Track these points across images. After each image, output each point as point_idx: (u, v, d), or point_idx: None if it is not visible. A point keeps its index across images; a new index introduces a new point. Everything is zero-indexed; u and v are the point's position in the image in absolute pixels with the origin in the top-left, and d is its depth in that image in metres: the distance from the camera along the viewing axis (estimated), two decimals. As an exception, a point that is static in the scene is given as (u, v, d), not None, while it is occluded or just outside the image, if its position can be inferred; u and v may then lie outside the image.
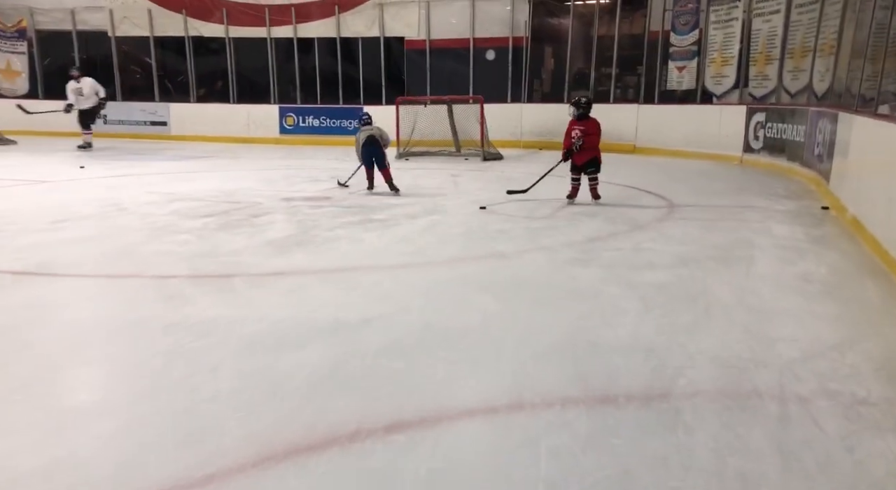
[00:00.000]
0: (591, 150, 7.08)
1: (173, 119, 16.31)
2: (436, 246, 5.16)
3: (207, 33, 16.01)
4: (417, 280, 4.18)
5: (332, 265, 4.53)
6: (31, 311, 3.54)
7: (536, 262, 4.69)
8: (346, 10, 15.34)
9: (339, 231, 5.65)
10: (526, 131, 14.73)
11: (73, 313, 3.52)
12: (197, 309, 3.54)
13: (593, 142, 7.08)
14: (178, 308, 3.56)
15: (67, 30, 16.48)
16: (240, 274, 4.24)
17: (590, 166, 7.13)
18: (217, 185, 8.47)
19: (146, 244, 5.03)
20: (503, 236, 5.53)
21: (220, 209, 6.62)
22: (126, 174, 9.71)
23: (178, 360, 2.90)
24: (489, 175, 9.96)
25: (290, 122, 15.62)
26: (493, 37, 15.00)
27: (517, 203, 7.35)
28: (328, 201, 7.25)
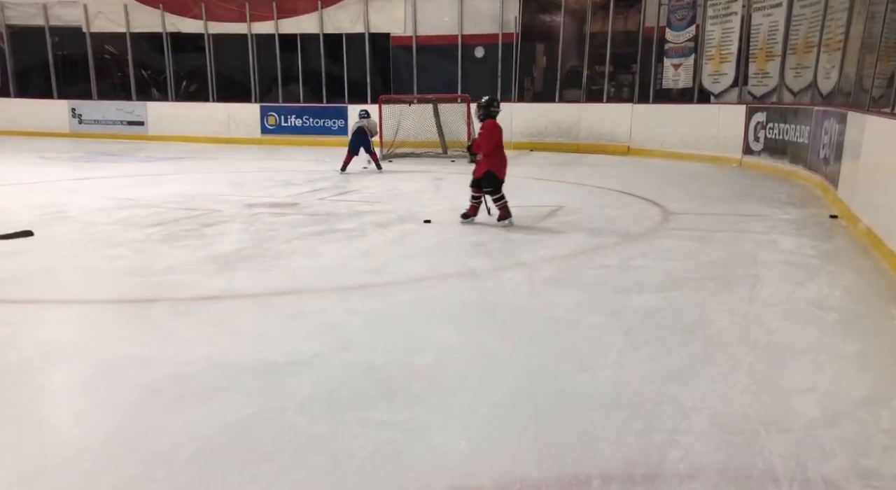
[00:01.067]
0: (486, 160, 5.72)
1: (151, 119, 15.73)
2: (401, 262, 4.59)
3: (186, 29, 15.42)
4: (371, 306, 3.60)
5: (276, 286, 3.96)
6: None
7: (512, 282, 4.12)
8: (330, 5, 14.77)
9: (296, 243, 5.07)
10: (516, 132, 14.12)
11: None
12: (94, 346, 2.97)
13: (480, 148, 5.77)
14: (73, 345, 2.98)
15: (40, 25, 15.86)
16: (165, 298, 3.66)
17: (484, 182, 5.73)
18: (181, 189, 7.90)
19: (72, 259, 4.45)
20: (479, 250, 4.96)
21: (172, 217, 6.04)
22: (90, 177, 9.13)
23: (36, 416, 2.32)
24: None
25: (272, 121, 15.03)
26: (483, 33, 14.45)
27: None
28: (294, 208, 6.68)
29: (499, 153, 5.75)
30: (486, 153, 5.70)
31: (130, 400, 2.46)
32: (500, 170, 5.77)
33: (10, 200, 6.90)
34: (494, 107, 5.84)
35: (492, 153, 5.71)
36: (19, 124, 15.79)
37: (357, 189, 8.16)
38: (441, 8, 14.46)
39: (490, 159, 5.69)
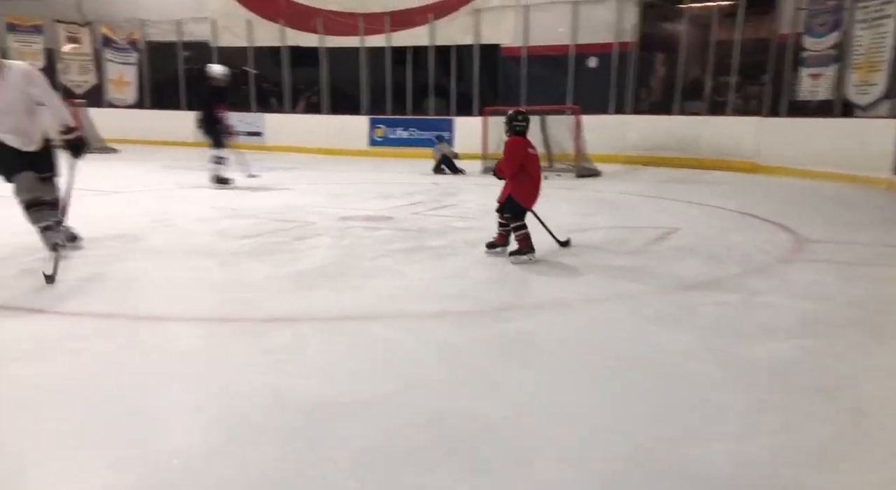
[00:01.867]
0: (509, 183, 4.85)
1: (268, 129, 16.31)
2: (489, 286, 4.21)
3: (303, 43, 15.90)
4: (447, 338, 3.24)
5: (351, 310, 3.69)
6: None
7: (609, 317, 3.63)
8: (441, 18, 14.70)
9: (382, 261, 4.82)
10: (629, 145, 13.42)
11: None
12: (136, 373, 2.80)
13: (502, 170, 4.95)
14: (120, 363, 2.83)
15: (173, 41, 16.94)
16: (237, 318, 3.50)
17: (505, 208, 4.87)
18: (284, 199, 7.96)
19: (160, 271, 4.42)
20: (575, 276, 4.49)
21: (268, 228, 6.00)
22: (201, 186, 9.45)
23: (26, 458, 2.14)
24: (580, 194, 8.85)
25: (380, 133, 15.15)
26: (597, 43, 13.83)
27: (606, 230, 6.25)
28: (387, 222, 6.47)
29: (524, 177, 4.78)
30: (507, 176, 4.84)
31: (141, 436, 2.23)
32: (525, 196, 4.81)
33: (126, 206, 7.19)
34: (518, 121, 4.87)
35: (515, 176, 4.79)
36: (151, 134, 16.89)
37: (454, 203, 7.87)
38: (553, 17, 14.00)
39: (514, 183, 4.79)
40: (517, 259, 4.77)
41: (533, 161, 4.85)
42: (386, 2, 15.01)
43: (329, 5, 15.48)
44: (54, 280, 3.85)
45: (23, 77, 4.34)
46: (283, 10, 15.82)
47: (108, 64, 17.17)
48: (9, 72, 4.32)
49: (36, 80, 4.38)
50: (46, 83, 4.47)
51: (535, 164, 4.87)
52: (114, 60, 17.14)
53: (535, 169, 4.85)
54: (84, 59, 17.17)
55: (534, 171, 4.83)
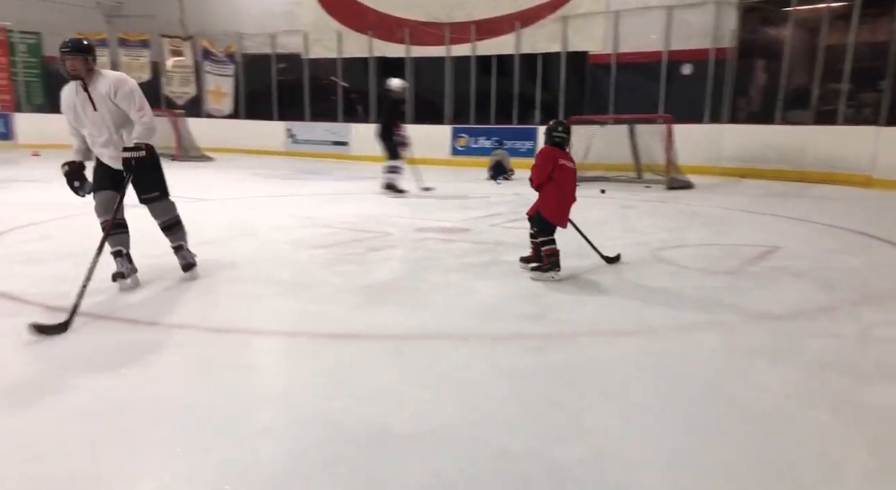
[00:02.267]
0: (540, 196, 4.59)
1: (354, 139, 16.56)
2: (567, 306, 3.92)
3: (390, 54, 16.07)
4: (521, 364, 2.99)
5: (419, 328, 3.51)
6: None
7: (700, 347, 3.26)
8: (528, 25, 14.46)
9: (453, 276, 4.62)
10: (725, 156, 12.68)
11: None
12: (194, 390, 2.71)
13: (532, 180, 4.62)
14: (181, 381, 2.75)
15: (267, 53, 17.55)
16: (302, 333, 3.39)
17: (534, 222, 4.62)
18: (362, 209, 7.93)
19: (233, 283, 4.39)
20: (663, 298, 4.12)
21: (343, 238, 5.94)
22: (284, 194, 9.62)
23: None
24: (670, 208, 8.36)
25: (462, 142, 15.05)
26: (691, 49, 13.19)
27: (697, 247, 5.80)
28: (463, 234, 6.28)
29: (554, 190, 4.48)
30: (535, 187, 4.57)
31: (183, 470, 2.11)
32: (552, 212, 4.50)
33: (212, 215, 7.34)
34: (558, 132, 4.56)
35: (545, 188, 4.51)
36: (245, 143, 17.54)
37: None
38: (645, 23, 13.47)
39: (543, 196, 4.53)
40: (539, 276, 4.49)
41: (566, 175, 4.52)
42: (472, 11, 14.94)
43: (417, 16, 15.58)
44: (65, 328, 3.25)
45: (112, 86, 3.90)
46: (372, 22, 16.06)
47: (206, 76, 17.99)
48: (100, 80, 3.91)
49: (122, 89, 3.91)
50: (136, 94, 3.97)
51: (568, 178, 4.53)
52: (212, 72, 17.94)
53: (567, 184, 4.53)
54: (185, 71, 18.07)
55: (566, 185, 4.52)
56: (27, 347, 3.08)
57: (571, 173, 4.57)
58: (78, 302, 3.38)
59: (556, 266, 4.48)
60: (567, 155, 4.60)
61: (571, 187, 4.58)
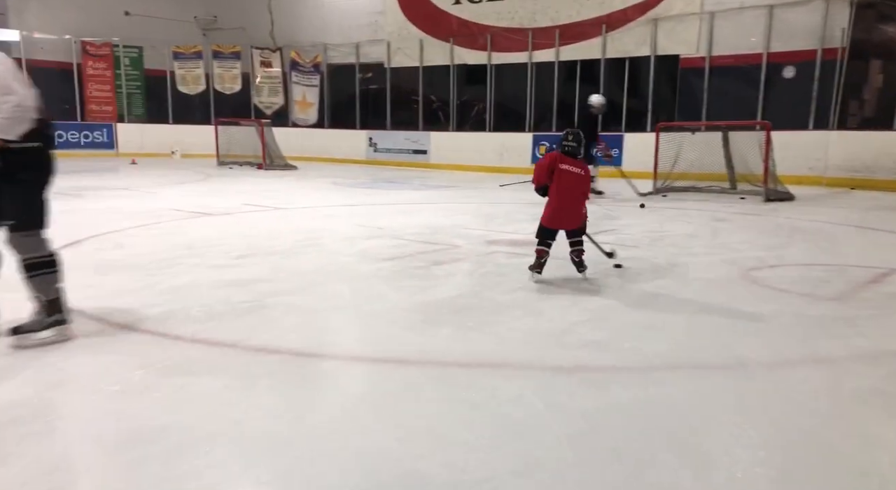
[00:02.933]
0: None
1: (433, 147, 16.50)
2: (641, 333, 3.51)
3: (471, 61, 15.91)
4: (582, 403, 2.64)
5: (474, 354, 3.21)
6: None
7: (800, 388, 2.79)
8: (615, 29, 13.90)
9: (519, 295, 4.30)
10: (832, 165, 11.66)
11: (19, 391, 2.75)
12: (211, 413, 2.52)
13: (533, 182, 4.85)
14: (217, 406, 2.57)
15: (351, 63, 17.80)
16: (344, 356, 3.16)
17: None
18: (433, 219, 7.73)
19: (290, 295, 4.24)
20: (756, 327, 3.63)
21: (410, 250, 5.73)
22: (359, 204, 9.58)
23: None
24: (767, 222, 7.66)
25: (543, 150, 14.61)
26: (795, 50, 12.25)
27: (797, 267, 5.21)
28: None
29: (552, 192, 4.58)
30: (536, 189, 4.71)
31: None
32: (546, 213, 4.63)
33: (284, 224, 7.36)
34: (567, 141, 4.61)
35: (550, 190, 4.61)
36: (328, 152, 17.85)
37: (614, 228, 7.12)
38: (742, 24, 12.63)
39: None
40: (531, 275, 4.64)
41: (566, 178, 4.53)
42: (556, 15, 14.54)
43: (499, 22, 15.34)
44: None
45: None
46: (454, 29, 15.94)
47: (293, 86, 18.46)
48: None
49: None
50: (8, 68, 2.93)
51: (568, 182, 4.53)
52: (299, 82, 18.38)
53: (563, 188, 4.53)
54: (274, 81, 18.61)
55: (561, 189, 4.53)
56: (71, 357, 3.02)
57: (573, 177, 4.55)
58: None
59: (537, 266, 4.58)
60: (575, 162, 4.60)
61: (567, 192, 4.55)
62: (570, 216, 4.61)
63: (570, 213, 4.60)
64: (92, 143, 17.58)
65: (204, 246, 5.75)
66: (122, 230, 6.51)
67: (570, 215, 4.61)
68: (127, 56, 18.25)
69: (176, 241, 5.99)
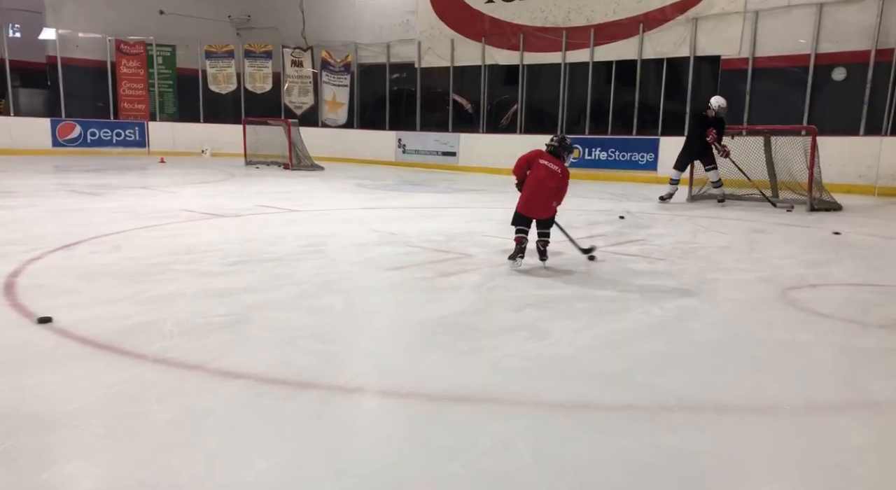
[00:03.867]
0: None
1: (462, 150, 16.14)
2: (658, 364, 3.09)
3: (502, 61, 15.52)
4: (580, 451, 2.25)
5: (462, 386, 2.83)
6: None
7: (840, 439, 2.35)
8: (652, 28, 13.34)
9: (527, 313, 3.91)
10: (885, 174, 10.95)
11: None
12: (169, 452, 2.19)
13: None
14: (161, 437, 2.26)
15: (382, 63, 17.56)
16: (322, 384, 2.81)
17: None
18: (451, 225, 7.37)
19: (278, 308, 3.93)
20: (791, 360, 3.18)
21: (420, 259, 5.39)
22: (379, 207, 9.28)
23: None
24: (811, 234, 7.09)
25: (576, 154, 14.10)
26: (845, 51, 11.56)
27: (843, 287, 4.70)
28: (552, 259, 5.52)
29: (527, 183, 5.06)
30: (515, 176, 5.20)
31: None
32: (521, 201, 5.09)
33: (294, 227, 7.08)
34: (550, 142, 5.10)
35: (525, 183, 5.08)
36: (357, 153, 17.64)
37: (642, 238, 6.66)
38: (788, 23, 11.96)
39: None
40: (510, 263, 5.01)
41: (541, 173, 4.97)
42: (591, 14, 14.04)
43: (532, 21, 14.92)
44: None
45: None
46: (486, 28, 15.57)
47: (324, 86, 18.31)
48: None
49: None
50: None
51: (538, 175, 4.97)
52: (329, 82, 18.23)
53: (536, 179, 4.97)
54: (305, 81, 18.50)
55: (534, 181, 4.97)
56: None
57: (548, 172, 4.93)
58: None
59: (518, 253, 4.97)
60: (555, 160, 4.98)
61: (539, 183, 4.94)
62: (541, 207, 4.97)
63: (540, 204, 4.96)
64: (124, 141, 17.72)
65: (203, 250, 5.49)
66: (125, 231, 6.30)
67: (540, 206, 4.97)
68: (160, 55, 18.35)
69: (176, 244, 5.76)
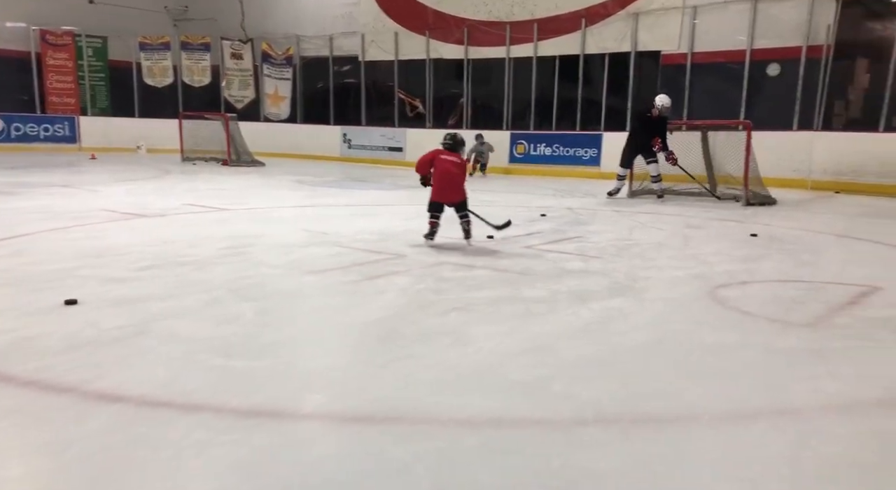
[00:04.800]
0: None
1: (409, 145, 15.92)
2: (579, 373, 2.97)
3: (447, 55, 15.34)
4: (481, 476, 2.09)
5: (365, 405, 2.64)
6: None
7: (759, 453, 2.25)
8: (594, 24, 13.37)
9: (452, 317, 3.75)
10: (817, 168, 11.22)
11: None
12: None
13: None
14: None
15: (325, 56, 17.17)
16: (204, 407, 2.58)
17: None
18: (388, 224, 7.17)
19: (183, 317, 3.67)
20: (715, 365, 3.10)
21: (347, 261, 5.17)
22: (315, 205, 9.02)
23: None
24: (745, 230, 7.16)
25: (521, 149, 14.11)
26: (779, 47, 11.80)
27: (771, 284, 4.70)
28: (488, 259, 5.40)
29: (435, 176, 5.87)
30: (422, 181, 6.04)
31: None
32: (434, 191, 5.93)
33: (220, 227, 6.77)
34: (444, 140, 5.99)
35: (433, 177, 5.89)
36: (300, 148, 17.23)
37: (580, 235, 6.60)
38: (726, 19, 12.14)
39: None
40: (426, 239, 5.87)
41: (443, 166, 5.80)
42: (534, 9, 13.99)
43: (476, 15, 14.78)
44: None
45: None
46: (431, 21, 15.36)
47: (265, 79, 17.80)
48: None
49: None
50: None
51: (443, 168, 5.80)
52: (271, 76, 17.73)
53: (442, 172, 5.80)
54: (245, 74, 17.95)
55: (440, 173, 5.81)
56: None
57: (450, 163, 5.81)
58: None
59: (431, 233, 5.88)
60: (452, 153, 5.88)
61: (443, 175, 5.80)
62: (452, 192, 5.82)
63: (451, 190, 5.81)
64: (53, 136, 16.85)
65: (114, 254, 5.15)
66: (33, 233, 5.90)
67: (451, 192, 5.82)
68: (90, 46, 17.50)
69: (87, 247, 5.40)
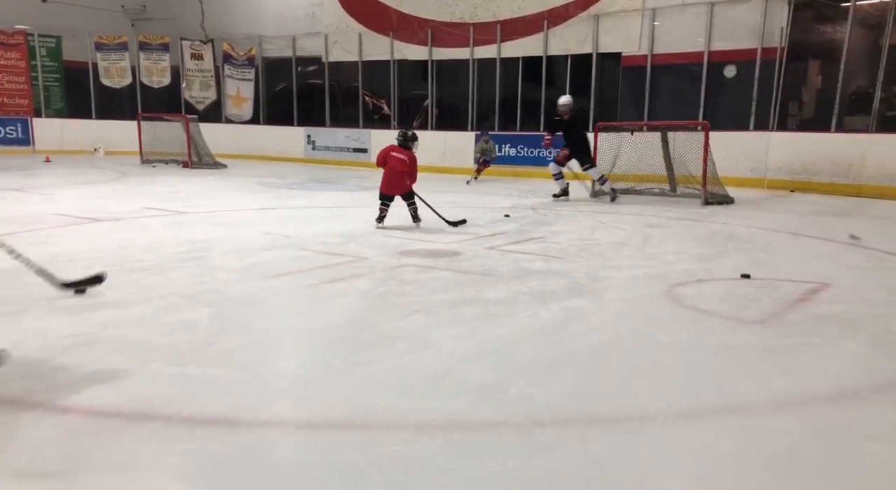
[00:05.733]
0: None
1: (374, 146, 15.83)
2: (536, 374, 2.99)
3: (412, 56, 15.32)
4: (438, 481, 2.09)
5: (322, 413, 2.62)
6: None
7: (709, 452, 2.29)
8: (556, 25, 13.50)
9: (412, 320, 3.75)
10: (773, 167, 11.51)
11: None
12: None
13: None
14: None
15: (288, 56, 17.00)
16: (136, 416, 2.53)
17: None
18: (352, 226, 7.09)
19: (135, 326, 3.59)
20: (670, 363, 3.15)
21: (308, 265, 5.13)
22: (277, 207, 8.91)
23: None
24: (703, 228, 7.30)
25: (486, 150, 14.12)
26: (736, 49, 12.05)
27: (726, 282, 4.79)
28: (449, 260, 5.40)
29: (385, 170, 6.96)
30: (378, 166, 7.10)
31: None
32: (382, 183, 6.98)
33: (177, 231, 6.63)
34: (398, 137, 7.04)
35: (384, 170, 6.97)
36: (263, 150, 17.02)
37: (543, 236, 6.65)
38: (684, 21, 12.36)
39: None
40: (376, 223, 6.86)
41: (392, 162, 6.90)
42: (497, 10, 14.06)
43: (440, 16, 14.79)
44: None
45: None
46: (394, 22, 15.32)
47: (227, 80, 17.55)
48: None
49: None
50: None
51: (391, 163, 6.90)
52: (232, 76, 17.48)
53: (389, 167, 6.90)
54: (206, 75, 17.66)
55: (388, 167, 6.91)
56: None
57: (397, 160, 6.85)
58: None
59: (380, 218, 6.88)
60: (403, 150, 6.89)
61: (395, 168, 6.86)
62: (396, 186, 6.86)
63: (395, 183, 6.85)
64: (4, 138, 16.33)
65: (65, 260, 5.02)
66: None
67: (395, 185, 6.86)
68: (44, 46, 17.02)
69: (36, 253, 5.19)
